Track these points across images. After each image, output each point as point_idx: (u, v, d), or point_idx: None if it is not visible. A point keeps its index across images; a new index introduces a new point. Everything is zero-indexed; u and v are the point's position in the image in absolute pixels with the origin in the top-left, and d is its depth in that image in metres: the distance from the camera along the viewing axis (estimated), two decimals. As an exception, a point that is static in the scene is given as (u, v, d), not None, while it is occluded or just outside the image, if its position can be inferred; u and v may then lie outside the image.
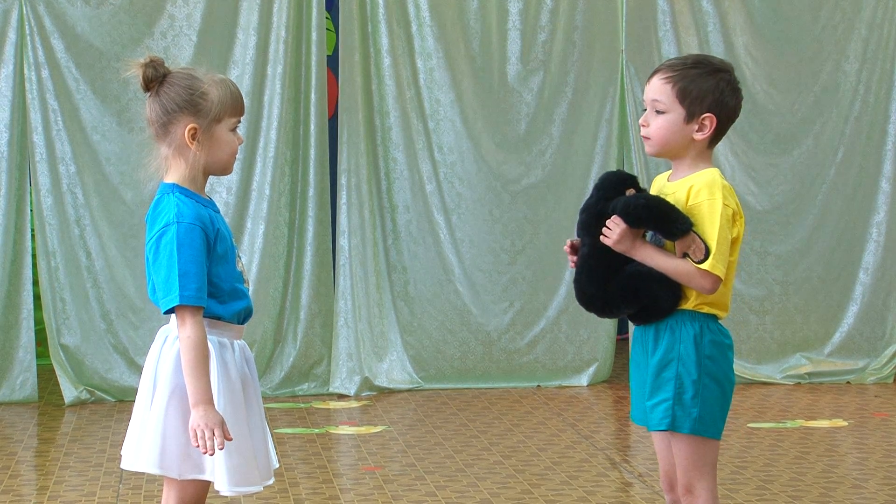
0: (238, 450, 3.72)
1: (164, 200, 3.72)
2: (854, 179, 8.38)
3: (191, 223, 3.67)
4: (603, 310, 3.99)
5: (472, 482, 5.91)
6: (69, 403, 7.61)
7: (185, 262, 3.65)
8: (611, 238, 3.88)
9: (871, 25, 8.37)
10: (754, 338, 8.29)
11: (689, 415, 3.86)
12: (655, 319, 3.90)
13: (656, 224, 3.83)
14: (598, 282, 3.92)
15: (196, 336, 3.64)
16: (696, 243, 3.80)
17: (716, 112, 3.90)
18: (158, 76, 3.75)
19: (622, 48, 8.19)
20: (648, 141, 3.95)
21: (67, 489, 5.85)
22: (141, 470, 3.77)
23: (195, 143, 3.73)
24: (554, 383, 8.20)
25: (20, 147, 7.75)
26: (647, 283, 3.86)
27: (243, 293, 3.82)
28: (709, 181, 3.86)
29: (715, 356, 3.89)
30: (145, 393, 3.78)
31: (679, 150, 3.93)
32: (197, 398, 3.62)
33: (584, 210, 3.98)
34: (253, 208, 7.92)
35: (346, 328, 7.97)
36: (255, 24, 7.88)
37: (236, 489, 3.73)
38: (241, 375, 3.79)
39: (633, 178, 3.96)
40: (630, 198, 3.87)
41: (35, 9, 7.69)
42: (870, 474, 6.08)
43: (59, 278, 7.73)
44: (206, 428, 3.59)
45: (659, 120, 3.91)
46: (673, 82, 3.90)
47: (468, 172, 8.14)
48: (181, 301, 3.63)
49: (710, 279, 3.81)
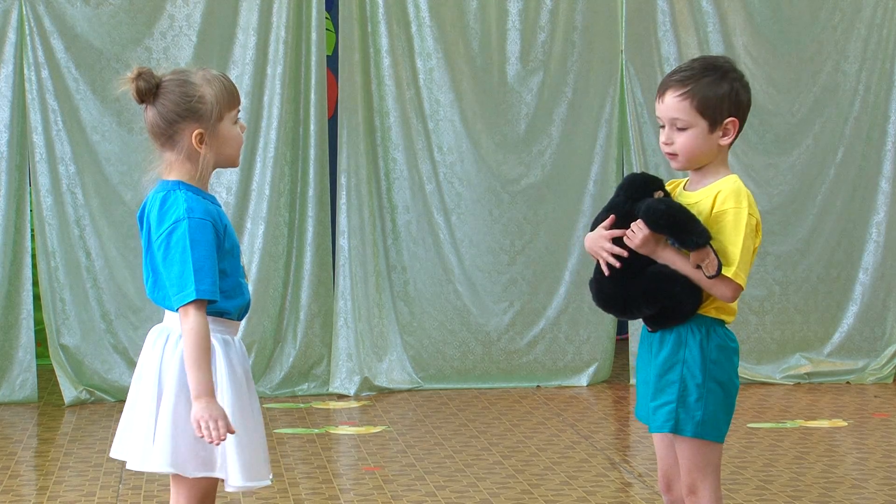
0: (250, 445, 3.73)
1: (172, 197, 3.71)
2: (854, 179, 8.38)
3: (201, 218, 3.67)
4: (624, 310, 3.96)
5: (471, 482, 5.91)
6: (69, 403, 7.61)
7: (199, 257, 3.64)
8: (634, 241, 3.86)
9: (871, 25, 8.37)
10: (754, 338, 8.29)
11: (693, 418, 3.86)
12: (674, 322, 3.88)
13: (673, 232, 3.82)
14: (619, 281, 3.90)
15: (200, 328, 3.63)
16: (711, 258, 3.80)
17: (736, 114, 3.90)
18: (151, 87, 3.74)
19: (622, 48, 8.19)
20: (675, 158, 3.91)
21: (67, 489, 5.84)
22: (153, 470, 3.76)
23: (203, 146, 3.73)
24: (554, 383, 8.19)
25: (20, 147, 7.74)
26: (670, 285, 3.85)
27: (244, 288, 3.83)
28: (735, 189, 3.86)
29: (720, 360, 3.89)
30: (148, 393, 3.77)
31: (707, 159, 3.93)
32: (199, 390, 3.62)
33: (610, 209, 3.93)
34: (253, 208, 7.92)
35: (346, 328, 7.97)
36: (254, 24, 7.88)
37: (249, 484, 3.73)
38: (244, 371, 3.80)
39: (660, 181, 3.94)
40: (653, 201, 3.85)
41: (35, 9, 7.69)
42: (869, 474, 6.08)
43: (59, 278, 7.73)
44: (209, 419, 3.59)
45: (683, 137, 3.89)
46: (690, 97, 3.87)
47: (468, 172, 8.14)
48: (198, 295, 3.61)
49: (732, 287, 3.82)
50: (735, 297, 3.84)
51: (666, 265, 3.85)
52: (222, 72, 4.08)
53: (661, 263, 3.86)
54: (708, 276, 3.80)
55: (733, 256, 3.81)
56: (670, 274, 3.85)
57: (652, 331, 3.94)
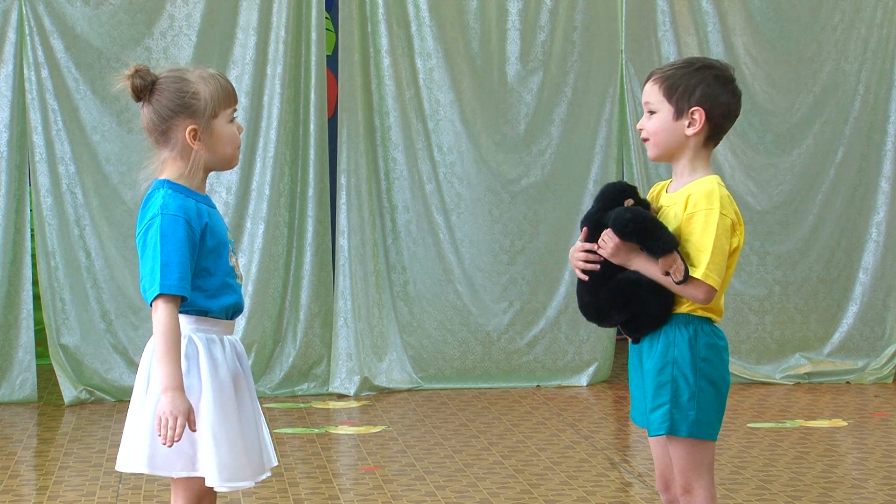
0: (228, 445, 3.72)
1: (154, 195, 3.74)
2: (854, 179, 8.39)
3: (174, 215, 3.69)
4: (598, 317, 4.01)
5: (471, 482, 5.91)
6: (69, 403, 7.61)
7: (167, 252, 3.66)
8: (605, 250, 3.90)
9: (871, 25, 8.37)
10: (754, 338, 8.30)
11: (687, 418, 3.87)
12: (648, 328, 3.91)
13: (639, 239, 3.86)
14: (592, 290, 3.95)
15: (167, 322, 3.64)
16: (678, 264, 3.82)
17: (704, 106, 3.90)
18: (147, 84, 3.76)
19: (622, 48, 8.19)
20: (648, 143, 3.97)
21: (67, 489, 5.84)
22: (133, 470, 3.77)
23: (197, 143, 3.74)
24: (553, 383, 8.20)
25: (20, 147, 7.75)
26: (637, 291, 3.88)
27: (234, 288, 3.82)
28: (707, 191, 3.86)
29: (710, 358, 3.90)
30: (136, 393, 3.79)
31: (676, 150, 3.93)
32: (166, 383, 3.62)
33: (584, 220, 4.00)
34: (252, 208, 7.92)
35: (346, 328, 7.97)
36: (254, 23, 7.88)
37: (228, 484, 3.73)
38: (231, 371, 3.78)
39: (632, 189, 3.97)
40: (619, 210, 3.90)
41: (35, 9, 7.69)
42: (869, 474, 6.08)
43: (59, 278, 7.74)
44: (170, 415, 3.59)
45: (652, 120, 3.94)
46: (661, 82, 3.93)
47: (468, 172, 8.14)
48: (161, 290, 3.63)
49: (704, 289, 3.82)
50: (708, 298, 3.84)
51: (635, 272, 3.88)
52: (221, 72, 4.10)
53: (631, 270, 3.88)
54: (676, 281, 3.82)
55: (704, 258, 3.82)
56: (636, 279, 3.88)
57: (635, 341, 3.97)
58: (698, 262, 3.83)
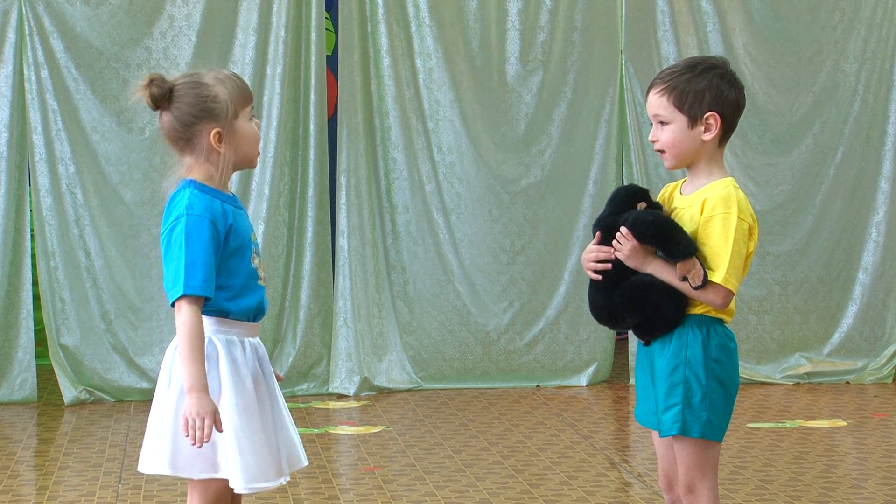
0: (251, 447, 3.71)
1: (180, 195, 3.73)
2: (853, 180, 8.38)
3: (199, 215, 3.68)
4: (610, 320, 3.99)
5: (471, 482, 5.91)
6: (68, 403, 7.61)
7: (192, 252, 3.65)
8: (622, 252, 3.88)
9: (871, 25, 8.37)
10: (754, 338, 8.30)
11: (699, 418, 3.86)
12: (661, 331, 3.89)
13: (659, 242, 3.84)
14: (605, 293, 3.93)
15: (192, 323, 3.63)
16: (696, 269, 3.81)
17: (717, 109, 3.89)
18: (165, 92, 3.74)
19: (621, 48, 8.19)
20: (664, 155, 3.94)
21: (67, 489, 5.85)
22: (156, 472, 3.76)
23: (222, 145, 3.74)
24: (553, 383, 8.20)
25: (20, 147, 7.75)
26: (651, 293, 3.86)
27: (256, 290, 3.81)
28: (724, 196, 3.85)
29: (722, 359, 3.89)
30: (158, 395, 3.78)
31: (693, 157, 3.92)
32: (191, 384, 3.61)
33: (596, 223, 3.97)
34: (252, 208, 7.92)
35: (346, 328, 7.97)
36: (254, 24, 7.88)
37: (252, 486, 3.72)
38: (252, 373, 3.78)
39: (644, 192, 3.95)
40: (639, 213, 3.87)
41: (34, 9, 7.69)
42: (869, 474, 6.08)
43: (59, 278, 7.74)
44: (196, 416, 3.58)
45: (665, 132, 3.90)
46: (667, 93, 3.89)
47: (467, 172, 8.15)
48: (185, 291, 3.62)
49: (722, 293, 3.82)
50: (726, 303, 3.84)
51: (648, 274, 3.87)
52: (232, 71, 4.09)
53: (644, 273, 3.87)
54: (693, 286, 3.81)
55: (722, 262, 3.81)
56: (649, 282, 3.87)
57: (646, 344, 3.96)
58: (716, 266, 3.82)
